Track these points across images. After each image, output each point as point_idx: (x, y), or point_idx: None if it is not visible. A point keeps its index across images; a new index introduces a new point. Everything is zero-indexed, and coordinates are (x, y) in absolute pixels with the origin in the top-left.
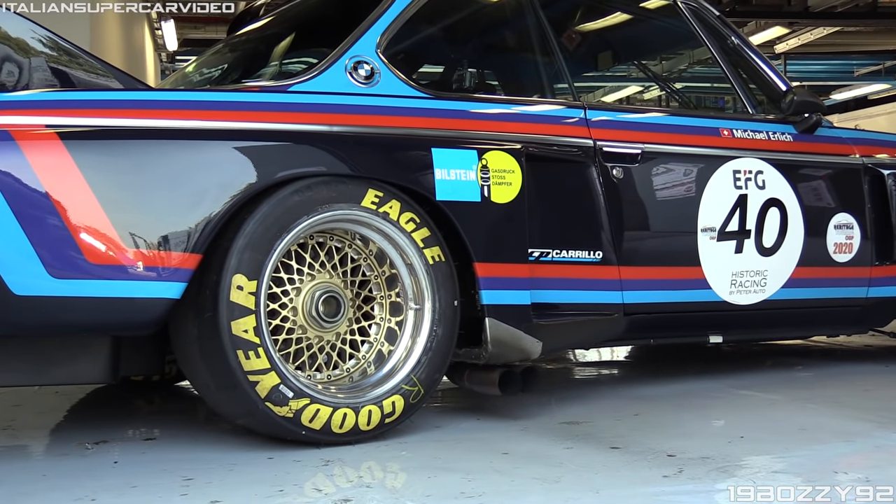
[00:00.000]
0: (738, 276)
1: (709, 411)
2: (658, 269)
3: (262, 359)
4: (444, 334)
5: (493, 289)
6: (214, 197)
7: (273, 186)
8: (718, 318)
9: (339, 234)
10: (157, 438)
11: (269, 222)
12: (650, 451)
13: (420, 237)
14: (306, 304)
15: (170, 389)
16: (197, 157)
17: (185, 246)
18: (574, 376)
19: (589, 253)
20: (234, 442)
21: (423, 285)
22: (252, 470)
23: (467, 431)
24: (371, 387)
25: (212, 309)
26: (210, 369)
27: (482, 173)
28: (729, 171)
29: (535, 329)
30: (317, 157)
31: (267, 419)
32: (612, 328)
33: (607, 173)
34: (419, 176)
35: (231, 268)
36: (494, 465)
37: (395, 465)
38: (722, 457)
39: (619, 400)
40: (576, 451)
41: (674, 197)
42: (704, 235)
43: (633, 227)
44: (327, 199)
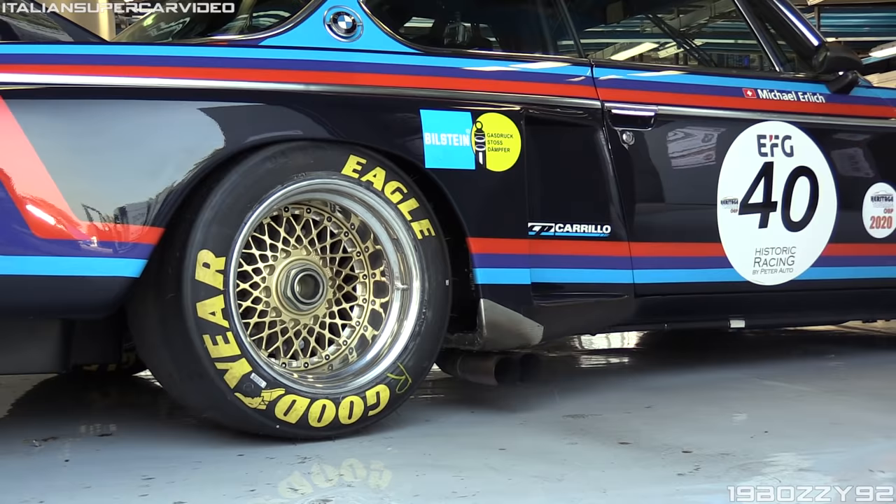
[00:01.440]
0: (762, 253)
1: (730, 403)
2: (673, 245)
3: (232, 344)
4: (434, 317)
5: (488, 267)
6: (177, 164)
7: (243, 152)
8: (740, 300)
9: (317, 205)
10: (113, 434)
11: (238, 192)
12: (664, 446)
13: (407, 209)
14: (281, 284)
15: (128, 380)
16: (157, 120)
17: (144, 219)
18: (579, 365)
19: (596, 227)
20: (199, 437)
21: (410, 263)
22: (220, 468)
23: (460, 425)
24: (353, 376)
25: (175, 289)
26: (173, 357)
27: (477, 138)
28: (753, 137)
29: (535, 312)
30: (292, 119)
31: (237, 412)
32: (621, 311)
33: (616, 138)
34: (406, 141)
35: (196, 243)
36: (490, 463)
37: (379, 463)
38: (744, 453)
39: (630, 391)
40: (581, 446)
41: (691, 165)
42: (725, 208)
43: (646, 198)
44: (304, 167)
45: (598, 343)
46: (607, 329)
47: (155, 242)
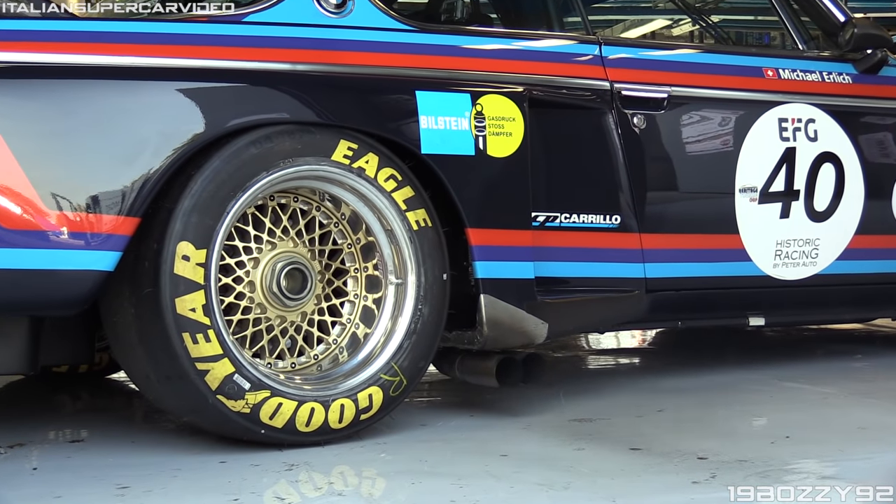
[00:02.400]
0: (783, 245)
1: (748, 407)
2: (687, 237)
3: (213, 343)
4: (430, 314)
5: (489, 260)
6: (154, 149)
7: (225, 136)
8: (760, 295)
9: (304, 194)
10: (85, 440)
11: (220, 180)
12: (677, 452)
13: (402, 198)
14: (266, 278)
15: (100, 382)
16: (133, 101)
17: (119, 208)
18: (587, 366)
19: (604, 217)
20: (178, 443)
21: (405, 255)
22: (200, 476)
23: (459, 430)
24: (343, 377)
25: (152, 284)
26: (150, 356)
27: (477, 121)
28: (774, 120)
29: (539, 308)
30: (277, 101)
31: (219, 415)
32: (632, 308)
33: (627, 122)
34: (401, 124)
35: (175, 234)
36: (491, 470)
37: (371, 470)
38: (763, 460)
39: (641, 394)
40: (588, 452)
41: (707, 151)
42: (744, 197)
43: (658, 186)
44: (291, 152)
45: (606, 342)
46: (617, 327)
47: (130, 234)
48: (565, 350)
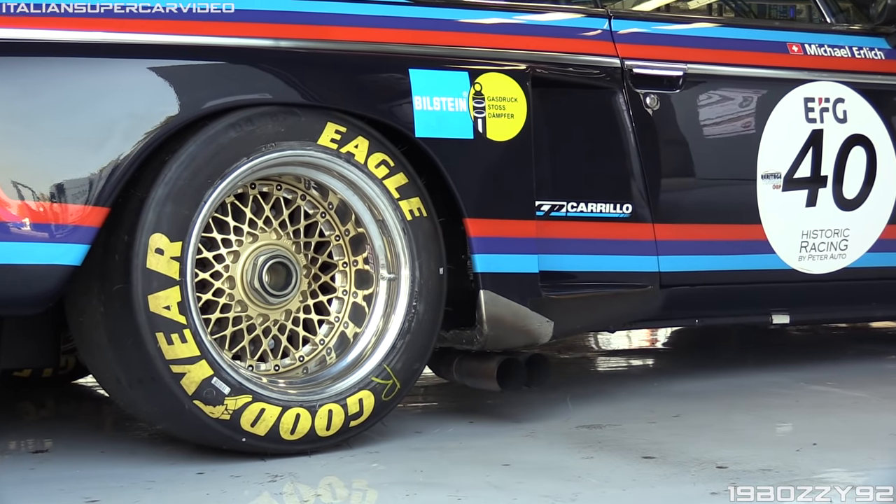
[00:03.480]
0: (809, 236)
1: (772, 412)
2: (705, 227)
3: (190, 344)
4: (426, 312)
5: (489, 252)
6: (124, 133)
7: (202, 119)
8: (784, 291)
9: (289, 181)
10: (49, 451)
11: (197, 166)
12: (694, 461)
13: (394, 185)
14: (247, 273)
15: (67, 388)
16: (101, 81)
17: (86, 197)
18: (596, 368)
19: (615, 206)
20: (152, 453)
21: (398, 248)
22: (176, 489)
23: (457, 438)
24: (331, 380)
25: (122, 279)
26: (120, 359)
27: (475, 102)
28: (799, 100)
29: (544, 305)
30: (259, 80)
31: (196, 423)
32: (644, 304)
33: (639, 102)
34: (393, 106)
35: (148, 225)
36: (492, 480)
37: (362, 482)
38: (788, 469)
39: (655, 398)
40: (597, 461)
41: (726, 134)
42: (766, 184)
43: (673, 172)
44: (273, 136)
45: (617, 342)
46: (628, 325)
47: (99, 225)
48: (572, 351)
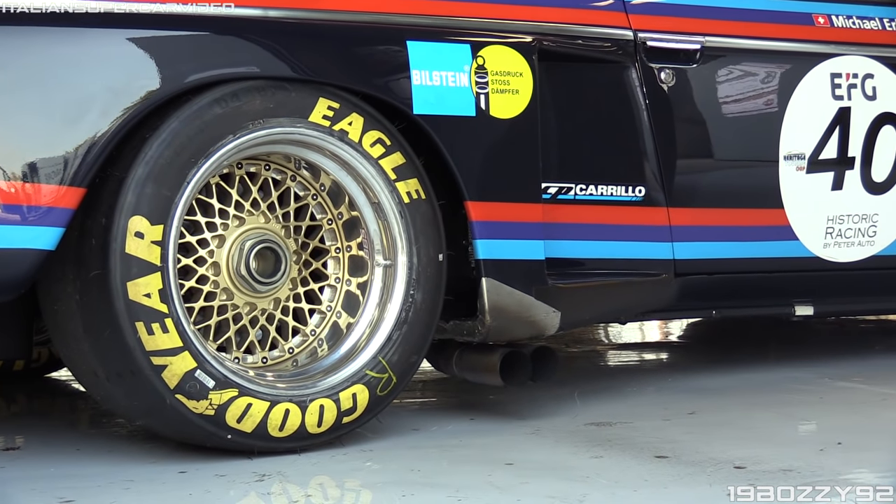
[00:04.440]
0: (835, 221)
1: (794, 409)
2: (723, 212)
3: (172, 334)
4: (424, 301)
5: (492, 238)
6: (102, 108)
7: (185, 94)
8: (808, 280)
9: (278, 161)
10: (21, 448)
11: (179, 144)
12: (711, 461)
13: (391, 165)
14: (233, 259)
15: (40, 382)
16: (76, 52)
17: (60, 177)
18: (606, 362)
19: (626, 189)
20: (131, 451)
21: (395, 233)
22: (157, 488)
23: (457, 435)
24: (323, 373)
25: (100, 265)
26: (97, 350)
27: (478, 77)
28: (825, 75)
29: (550, 294)
30: (246, 52)
31: (178, 418)
32: (658, 294)
33: (653, 77)
34: (389, 80)
35: (127, 207)
36: (494, 480)
37: (355, 481)
38: (810, 469)
39: (669, 394)
40: (607, 460)
41: (746, 112)
42: (789, 165)
43: (689, 153)
44: (261, 112)
45: (628, 335)
46: (640, 316)
47: (74, 206)
48: (581, 344)
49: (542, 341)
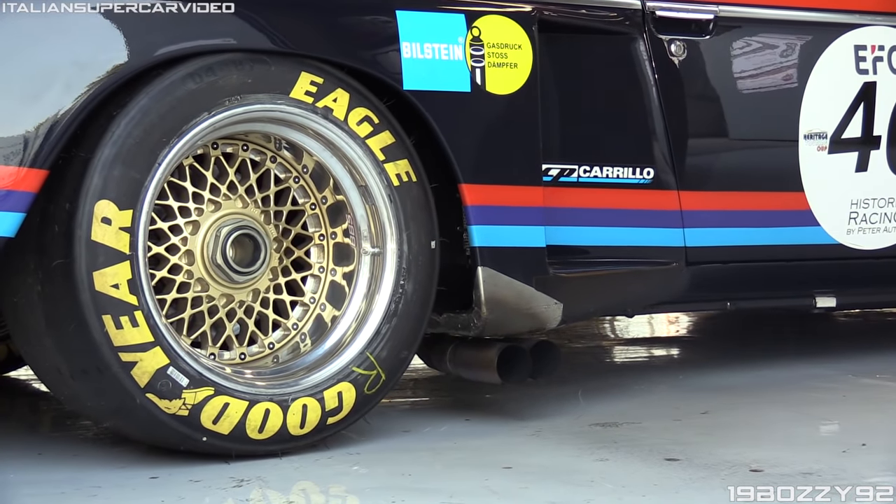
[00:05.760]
0: (860, 206)
1: (815, 408)
2: (738, 195)
3: (142, 328)
4: (415, 292)
5: (489, 223)
6: (65, 83)
7: (156, 68)
8: (830, 269)
9: (256, 140)
10: None
11: (149, 122)
12: (725, 464)
13: (379, 145)
14: (208, 247)
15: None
16: (37, 24)
17: (20, 158)
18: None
19: (634, 171)
20: (98, 455)
21: (383, 218)
22: (126, 495)
23: (451, 437)
24: (306, 370)
25: (64, 253)
26: (61, 346)
27: (473, 49)
28: (848, 47)
29: (552, 284)
30: (222, 23)
31: (149, 419)
32: (668, 285)
33: (663, 50)
34: (378, 53)
35: (93, 191)
36: (491, 485)
37: (341, 487)
38: (832, 472)
39: (680, 392)
40: (613, 463)
41: (763, 87)
42: (809, 145)
43: (701, 132)
44: (238, 88)
45: (636, 329)
46: (649, 309)
47: (35, 190)
48: (585, 339)
49: (543, 335)
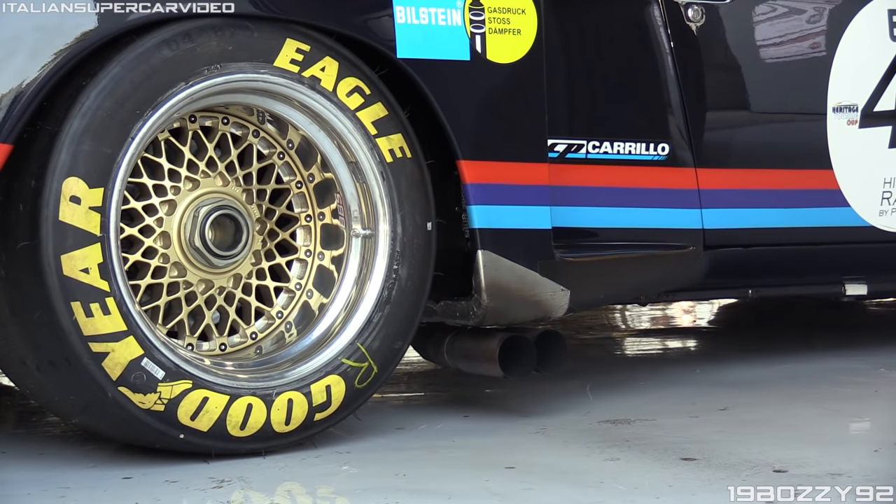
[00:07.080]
0: (893, 185)
1: (844, 404)
2: (761, 173)
3: (114, 316)
4: (410, 277)
5: (490, 203)
6: (30, 51)
7: (128, 34)
8: (861, 254)
9: (237, 113)
10: None
11: (121, 93)
12: (746, 464)
13: (371, 118)
14: (185, 228)
15: None
16: None
17: None
18: (623, 350)
19: (647, 147)
20: (66, 454)
21: (375, 197)
22: (97, 496)
23: (449, 434)
24: (291, 362)
25: (29, 235)
26: (26, 335)
27: (473, 14)
28: (882, 12)
29: (558, 270)
30: None
31: (122, 414)
32: (684, 270)
33: (679, 16)
34: (369, 18)
35: (60, 167)
36: (492, 486)
37: (329, 488)
38: (862, 473)
39: (697, 387)
40: (625, 463)
41: (788, 56)
42: (839, 119)
43: (721, 105)
44: (218, 56)
45: (649, 319)
46: (664, 296)
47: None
48: (594, 330)
49: (549, 325)
